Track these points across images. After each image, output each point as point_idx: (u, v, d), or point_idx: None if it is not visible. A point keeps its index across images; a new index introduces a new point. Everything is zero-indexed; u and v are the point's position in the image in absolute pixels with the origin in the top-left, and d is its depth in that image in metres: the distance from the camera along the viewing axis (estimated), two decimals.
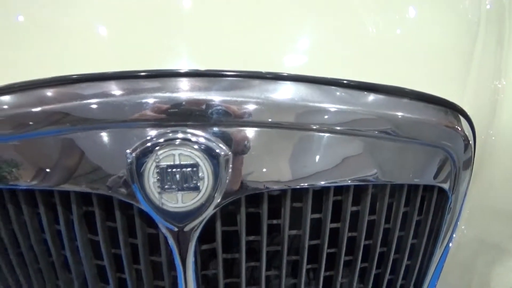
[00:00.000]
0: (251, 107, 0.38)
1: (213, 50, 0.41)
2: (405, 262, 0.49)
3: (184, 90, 0.38)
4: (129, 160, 0.37)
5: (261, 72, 0.39)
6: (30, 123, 0.37)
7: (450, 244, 0.52)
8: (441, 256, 0.51)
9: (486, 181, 0.50)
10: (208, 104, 0.37)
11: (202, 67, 0.39)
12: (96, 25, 0.44)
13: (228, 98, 0.38)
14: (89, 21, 0.44)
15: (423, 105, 0.42)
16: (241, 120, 0.38)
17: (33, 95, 0.38)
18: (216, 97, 0.38)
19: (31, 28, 0.45)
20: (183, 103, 0.37)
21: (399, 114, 0.41)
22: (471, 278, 0.55)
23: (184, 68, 0.39)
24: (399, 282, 0.51)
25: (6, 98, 0.38)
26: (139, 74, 0.38)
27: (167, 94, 0.37)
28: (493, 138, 0.49)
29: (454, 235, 0.52)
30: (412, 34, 0.49)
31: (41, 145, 0.38)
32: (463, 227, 0.52)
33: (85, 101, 0.37)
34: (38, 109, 0.37)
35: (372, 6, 0.49)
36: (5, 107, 0.38)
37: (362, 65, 0.44)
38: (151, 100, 0.37)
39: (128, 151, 0.37)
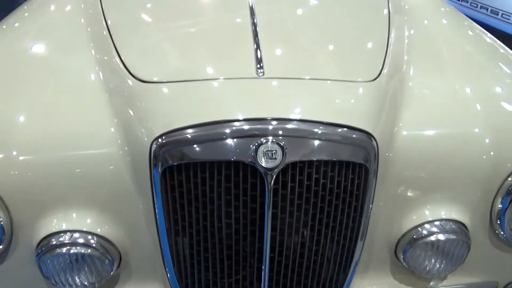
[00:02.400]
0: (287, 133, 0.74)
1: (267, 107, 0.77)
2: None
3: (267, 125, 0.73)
4: (253, 148, 0.70)
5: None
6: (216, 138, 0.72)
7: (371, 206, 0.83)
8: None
9: (388, 175, 0.83)
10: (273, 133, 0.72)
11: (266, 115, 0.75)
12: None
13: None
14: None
15: (358, 132, 0.76)
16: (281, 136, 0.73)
17: (221, 127, 0.73)
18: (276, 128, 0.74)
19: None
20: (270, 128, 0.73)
21: (348, 135, 0.76)
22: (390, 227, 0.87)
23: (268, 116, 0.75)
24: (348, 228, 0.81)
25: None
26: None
27: (262, 126, 0.73)
28: (391, 154, 0.82)
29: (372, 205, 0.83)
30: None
31: (217, 144, 0.72)
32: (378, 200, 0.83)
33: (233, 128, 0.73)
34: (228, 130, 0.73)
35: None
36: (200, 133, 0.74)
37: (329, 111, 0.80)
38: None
39: (252, 147, 0.71)
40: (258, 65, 0.83)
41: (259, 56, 0.87)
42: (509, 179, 0.84)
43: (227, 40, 0.98)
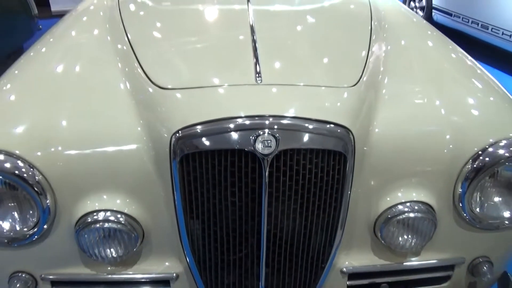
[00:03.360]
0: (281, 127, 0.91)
1: (264, 106, 0.95)
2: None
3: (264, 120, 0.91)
4: (252, 139, 0.88)
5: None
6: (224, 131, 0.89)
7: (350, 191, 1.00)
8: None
9: (365, 165, 1.01)
10: (269, 127, 0.89)
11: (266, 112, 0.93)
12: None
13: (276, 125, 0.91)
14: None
15: (338, 127, 0.94)
16: (278, 130, 0.90)
17: (227, 122, 0.91)
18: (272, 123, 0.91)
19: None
20: (267, 122, 0.90)
21: (330, 129, 0.93)
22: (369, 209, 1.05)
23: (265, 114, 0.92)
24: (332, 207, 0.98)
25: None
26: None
27: (260, 122, 0.90)
28: (366, 148, 0.99)
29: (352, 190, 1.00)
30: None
31: (223, 136, 0.90)
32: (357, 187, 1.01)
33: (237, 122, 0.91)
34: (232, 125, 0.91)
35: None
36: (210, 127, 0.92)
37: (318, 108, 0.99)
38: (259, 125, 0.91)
39: (252, 138, 0.87)
40: (257, 75, 1.02)
41: (258, 67, 1.05)
42: (467, 166, 1.00)
43: (231, 54, 1.17)
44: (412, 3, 5.91)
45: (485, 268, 1.12)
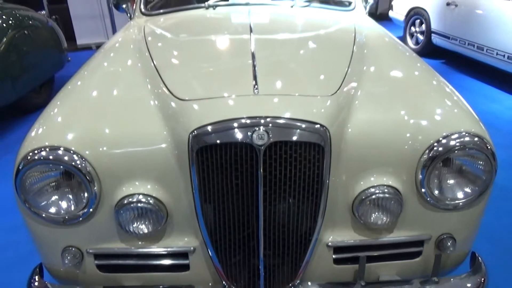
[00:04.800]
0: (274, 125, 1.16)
1: (260, 110, 1.21)
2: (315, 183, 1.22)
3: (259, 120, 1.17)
4: (250, 134, 1.14)
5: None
6: (229, 128, 1.16)
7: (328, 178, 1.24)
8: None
9: (342, 158, 1.27)
10: (263, 124, 1.15)
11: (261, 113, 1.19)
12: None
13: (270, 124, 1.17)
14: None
15: (318, 125, 1.20)
16: (269, 127, 1.15)
17: (231, 122, 1.19)
18: (265, 122, 1.17)
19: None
20: (261, 121, 1.16)
21: (311, 127, 1.19)
22: (347, 192, 1.30)
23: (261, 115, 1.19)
24: (314, 188, 1.23)
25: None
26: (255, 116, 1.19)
27: (256, 121, 1.17)
28: (343, 145, 1.25)
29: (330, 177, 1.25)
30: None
31: (228, 132, 1.17)
32: (336, 175, 1.26)
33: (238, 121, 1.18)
34: (234, 124, 1.18)
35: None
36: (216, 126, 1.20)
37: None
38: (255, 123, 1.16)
39: (249, 133, 1.14)
40: (255, 87, 1.30)
41: (256, 82, 1.33)
42: (424, 156, 1.25)
43: (235, 73, 1.47)
44: (412, 28, 6.23)
45: (449, 243, 1.34)
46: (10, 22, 3.84)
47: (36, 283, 1.35)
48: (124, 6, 2.54)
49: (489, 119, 3.89)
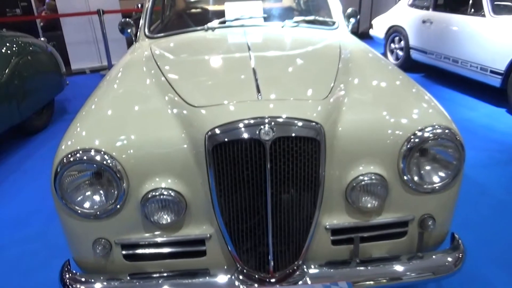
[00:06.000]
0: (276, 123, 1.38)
1: (264, 111, 1.42)
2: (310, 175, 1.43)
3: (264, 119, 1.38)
4: (257, 131, 1.35)
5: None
6: (239, 128, 1.37)
7: (324, 169, 1.44)
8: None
9: (334, 152, 1.47)
10: (268, 123, 1.35)
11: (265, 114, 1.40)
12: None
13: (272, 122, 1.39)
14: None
15: (314, 123, 1.41)
16: (273, 125, 1.36)
17: (240, 122, 1.40)
18: (270, 121, 1.38)
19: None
20: (266, 121, 1.37)
21: (308, 124, 1.41)
22: (340, 181, 1.51)
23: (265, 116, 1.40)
24: (312, 177, 1.43)
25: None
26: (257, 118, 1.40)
27: (261, 120, 1.38)
28: (335, 141, 1.46)
29: (326, 167, 1.45)
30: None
31: (238, 131, 1.38)
32: (330, 166, 1.48)
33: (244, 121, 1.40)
34: (242, 124, 1.39)
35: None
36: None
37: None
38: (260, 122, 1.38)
39: (257, 132, 1.34)
40: (259, 94, 1.52)
41: (259, 92, 1.55)
42: (403, 148, 1.48)
43: (240, 85, 1.68)
44: (392, 44, 6.62)
45: (429, 222, 1.56)
46: (14, 49, 4.04)
47: (68, 274, 1.52)
48: (129, 30, 2.78)
49: (467, 125, 4.20)
